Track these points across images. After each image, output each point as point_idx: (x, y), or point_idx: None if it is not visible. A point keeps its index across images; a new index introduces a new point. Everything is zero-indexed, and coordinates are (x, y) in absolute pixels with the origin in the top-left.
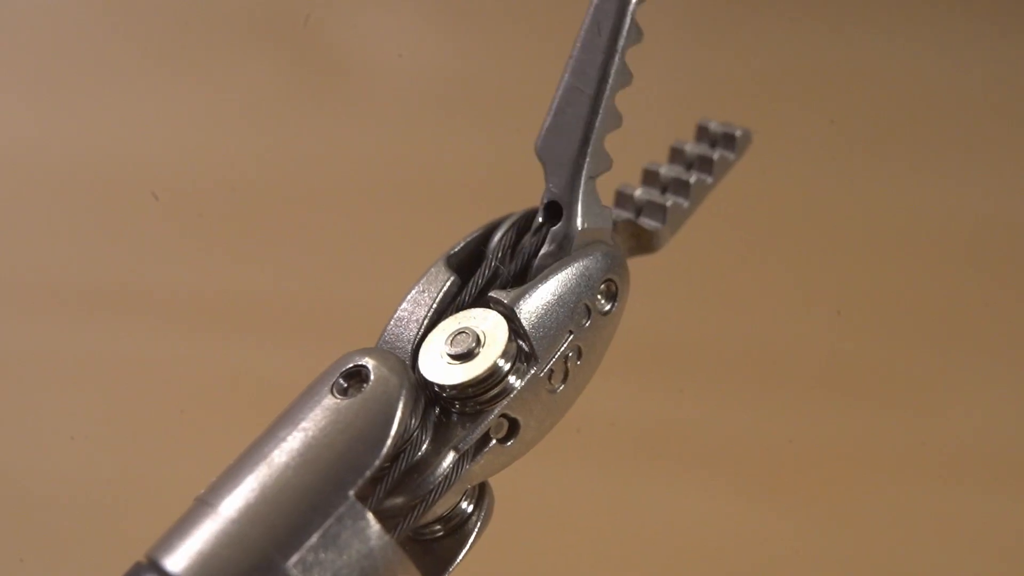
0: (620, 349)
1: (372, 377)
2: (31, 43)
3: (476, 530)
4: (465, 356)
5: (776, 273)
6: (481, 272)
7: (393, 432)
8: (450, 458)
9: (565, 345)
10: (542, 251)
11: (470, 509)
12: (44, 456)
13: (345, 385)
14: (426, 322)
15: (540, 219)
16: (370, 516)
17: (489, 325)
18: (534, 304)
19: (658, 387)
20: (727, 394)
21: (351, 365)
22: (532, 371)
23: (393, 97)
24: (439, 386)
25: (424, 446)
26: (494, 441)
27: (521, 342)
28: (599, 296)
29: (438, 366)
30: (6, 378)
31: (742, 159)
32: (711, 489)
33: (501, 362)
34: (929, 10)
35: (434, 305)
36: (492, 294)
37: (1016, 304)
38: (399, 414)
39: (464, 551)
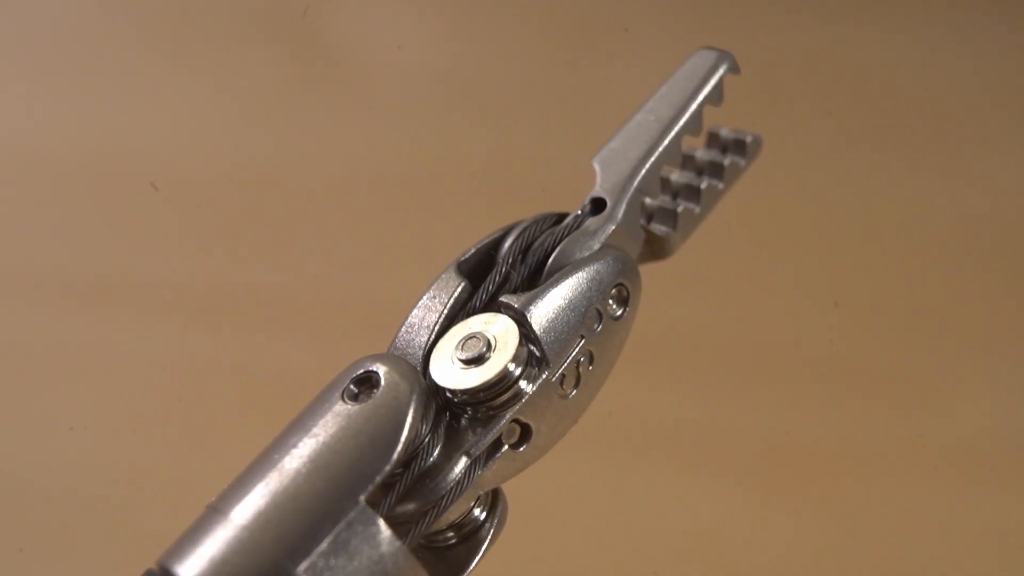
0: None
1: (383, 383)
2: (31, 36)
3: (489, 537)
4: (476, 360)
5: (774, 266)
6: (492, 277)
7: (404, 438)
8: (462, 464)
9: (576, 350)
10: (565, 239)
11: (483, 516)
12: (43, 446)
13: (356, 391)
14: (437, 328)
15: (580, 211)
16: (381, 522)
17: (500, 330)
18: (545, 308)
19: (656, 380)
20: (725, 386)
21: (362, 371)
22: (544, 376)
23: (392, 89)
24: (450, 391)
25: (435, 452)
26: (506, 447)
27: (532, 346)
28: (610, 301)
29: (449, 371)
30: (5, 369)
31: (753, 164)
32: (708, 481)
33: (512, 366)
34: (928, 5)
35: (445, 311)
36: (503, 299)
37: (1015, 298)
38: (409, 420)
39: (477, 559)
